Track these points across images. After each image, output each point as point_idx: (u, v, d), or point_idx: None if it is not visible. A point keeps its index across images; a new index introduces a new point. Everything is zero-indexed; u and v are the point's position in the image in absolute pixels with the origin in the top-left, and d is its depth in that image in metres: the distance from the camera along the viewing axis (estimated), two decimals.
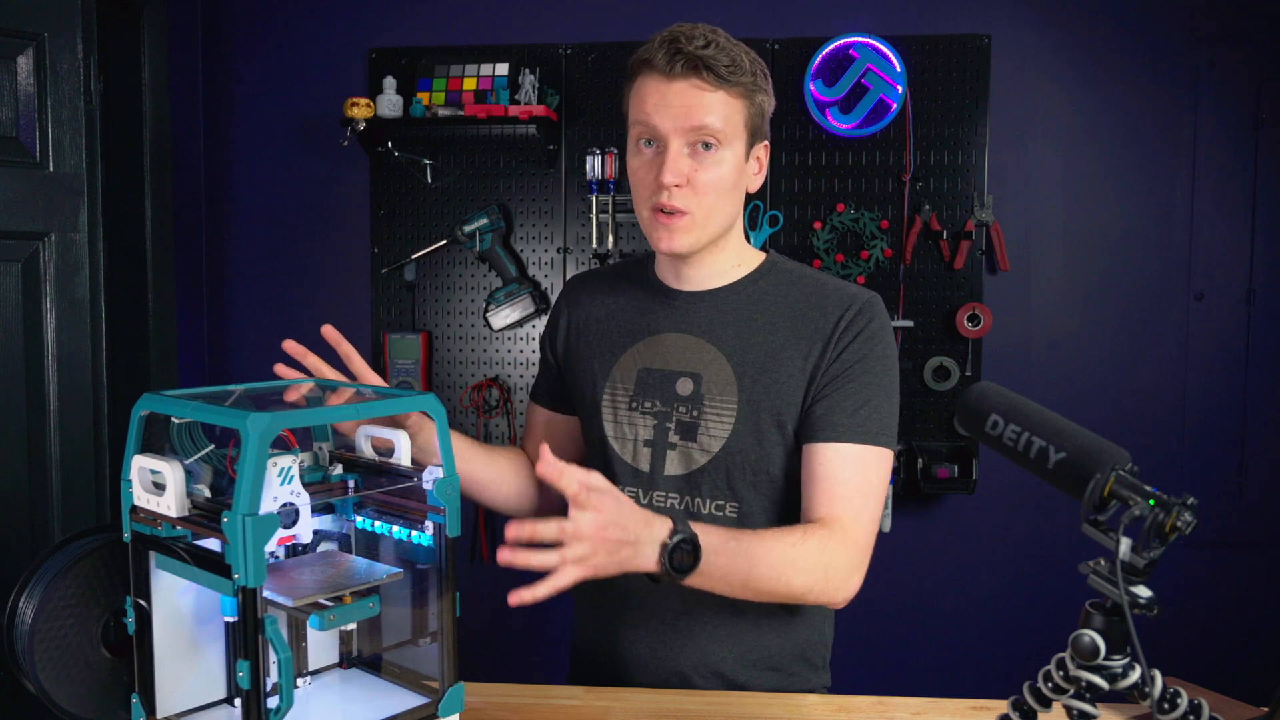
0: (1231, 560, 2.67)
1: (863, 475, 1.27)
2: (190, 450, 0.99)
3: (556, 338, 1.48)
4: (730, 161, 1.27)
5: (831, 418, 1.27)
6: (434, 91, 2.63)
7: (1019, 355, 2.69)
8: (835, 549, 1.22)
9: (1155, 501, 0.70)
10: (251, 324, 2.90)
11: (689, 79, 1.23)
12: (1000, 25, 2.63)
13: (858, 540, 1.25)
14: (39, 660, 0.95)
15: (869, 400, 1.28)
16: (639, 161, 1.29)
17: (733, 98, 1.25)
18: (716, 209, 1.28)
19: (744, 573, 1.17)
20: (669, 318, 1.37)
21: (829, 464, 1.27)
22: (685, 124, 1.24)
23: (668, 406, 1.34)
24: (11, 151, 1.93)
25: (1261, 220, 2.63)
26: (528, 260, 2.78)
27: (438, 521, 1.04)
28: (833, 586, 1.23)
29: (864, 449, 1.27)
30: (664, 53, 1.23)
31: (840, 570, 1.22)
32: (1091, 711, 0.77)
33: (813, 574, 1.20)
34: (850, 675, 1.49)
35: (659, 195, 1.26)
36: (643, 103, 1.26)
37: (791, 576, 1.19)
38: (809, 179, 2.67)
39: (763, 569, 1.18)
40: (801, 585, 1.20)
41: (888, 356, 1.31)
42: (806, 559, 1.20)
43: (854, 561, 1.24)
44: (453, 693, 1.05)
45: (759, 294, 1.35)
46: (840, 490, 1.26)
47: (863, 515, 1.26)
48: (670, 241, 1.28)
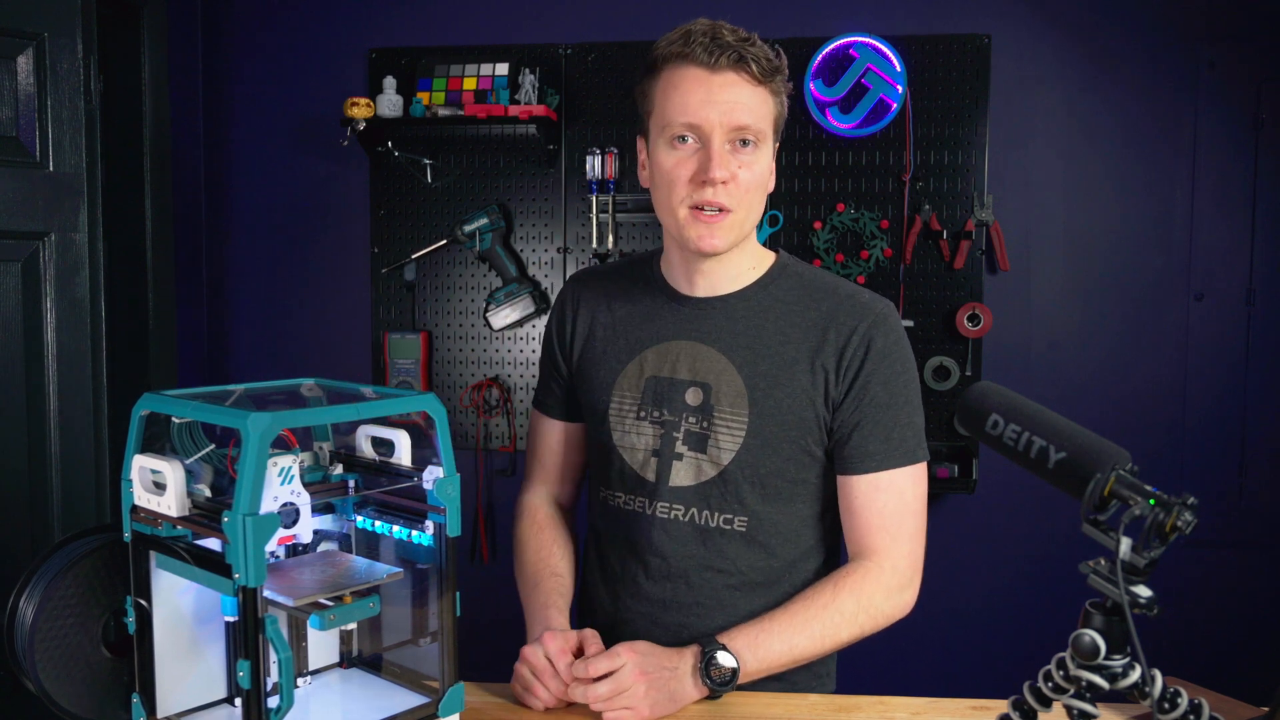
0: (1231, 560, 2.67)
1: (899, 499, 1.29)
2: (190, 450, 0.99)
3: (569, 343, 1.43)
4: (765, 160, 1.26)
5: (867, 448, 1.28)
6: (434, 91, 2.63)
7: (1019, 355, 2.69)
8: (872, 588, 1.27)
9: (1155, 501, 0.70)
10: (251, 324, 2.90)
11: (735, 72, 1.20)
12: (1000, 25, 2.63)
13: (897, 565, 1.28)
14: (39, 660, 0.95)
15: (898, 420, 1.28)
16: (674, 158, 1.24)
17: (770, 95, 1.24)
18: (755, 207, 1.27)
19: (787, 656, 1.24)
20: (678, 324, 1.34)
21: (865, 495, 1.29)
22: (730, 120, 1.21)
23: (676, 416, 1.31)
24: (11, 151, 1.93)
25: (1261, 220, 2.63)
26: (528, 260, 2.78)
27: (438, 521, 1.04)
28: (881, 620, 1.28)
29: (898, 473, 1.28)
30: (705, 44, 1.20)
31: (882, 605, 1.28)
32: (1092, 711, 0.77)
33: (855, 624, 1.26)
34: (850, 675, 1.49)
35: (701, 192, 1.22)
36: (684, 96, 1.21)
37: (835, 636, 1.26)
38: (809, 179, 2.67)
39: (804, 645, 1.24)
40: (850, 637, 1.27)
41: (907, 369, 1.30)
42: (843, 614, 1.26)
43: (895, 586, 1.28)
44: (453, 693, 1.05)
45: (770, 300, 1.32)
46: (877, 521, 1.29)
47: (901, 538, 1.29)
48: (711, 240, 1.24)
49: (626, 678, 1.15)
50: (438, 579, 1.05)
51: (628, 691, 1.15)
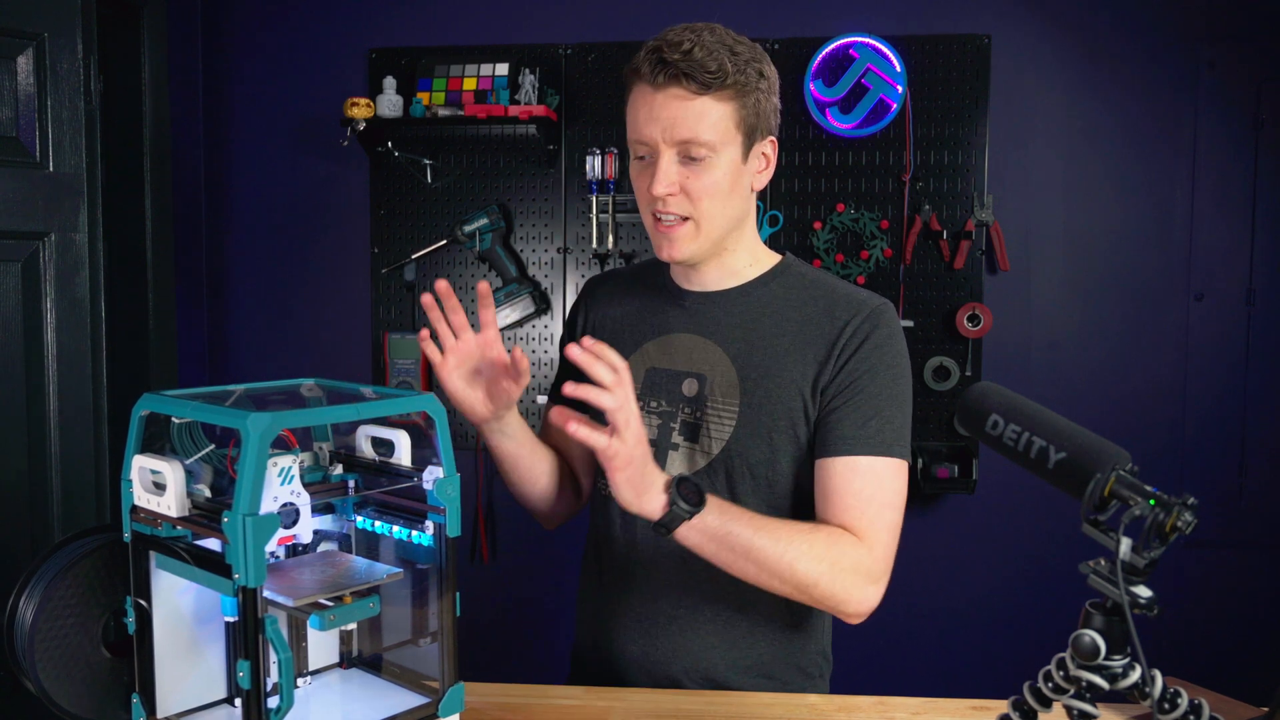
0: (1231, 560, 2.67)
1: (875, 486, 1.25)
2: (190, 450, 0.99)
3: (574, 337, 1.47)
4: (724, 166, 1.26)
5: (841, 430, 1.26)
6: (434, 91, 2.63)
7: (1019, 355, 2.69)
8: (846, 546, 1.21)
9: (1155, 501, 0.70)
10: (251, 324, 2.90)
11: (672, 88, 1.22)
12: (1000, 25, 2.63)
13: (873, 548, 1.22)
14: (39, 660, 0.95)
15: (879, 411, 1.26)
16: (636, 170, 1.30)
17: (720, 102, 1.23)
18: (716, 213, 1.27)
19: (747, 539, 1.17)
20: (679, 318, 1.37)
21: (839, 477, 1.25)
22: (672, 136, 1.23)
23: (673, 407, 1.34)
24: (11, 151, 1.93)
25: (1261, 220, 2.63)
26: (528, 260, 2.77)
27: (438, 521, 1.04)
28: (839, 589, 1.19)
29: (876, 460, 1.25)
30: (649, 63, 1.23)
31: (848, 567, 1.20)
32: (1092, 711, 0.77)
33: (820, 562, 1.18)
34: (850, 675, 1.49)
35: (655, 204, 1.27)
36: (635, 114, 1.26)
37: (796, 558, 1.17)
38: (809, 179, 2.67)
39: (763, 546, 1.17)
40: (806, 572, 1.18)
41: (898, 365, 1.29)
42: (814, 545, 1.19)
43: (867, 566, 1.21)
44: (453, 693, 1.05)
45: (768, 296, 1.34)
46: (851, 502, 1.24)
47: (878, 526, 1.23)
48: (672, 250, 1.29)
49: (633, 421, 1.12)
50: (438, 579, 1.05)
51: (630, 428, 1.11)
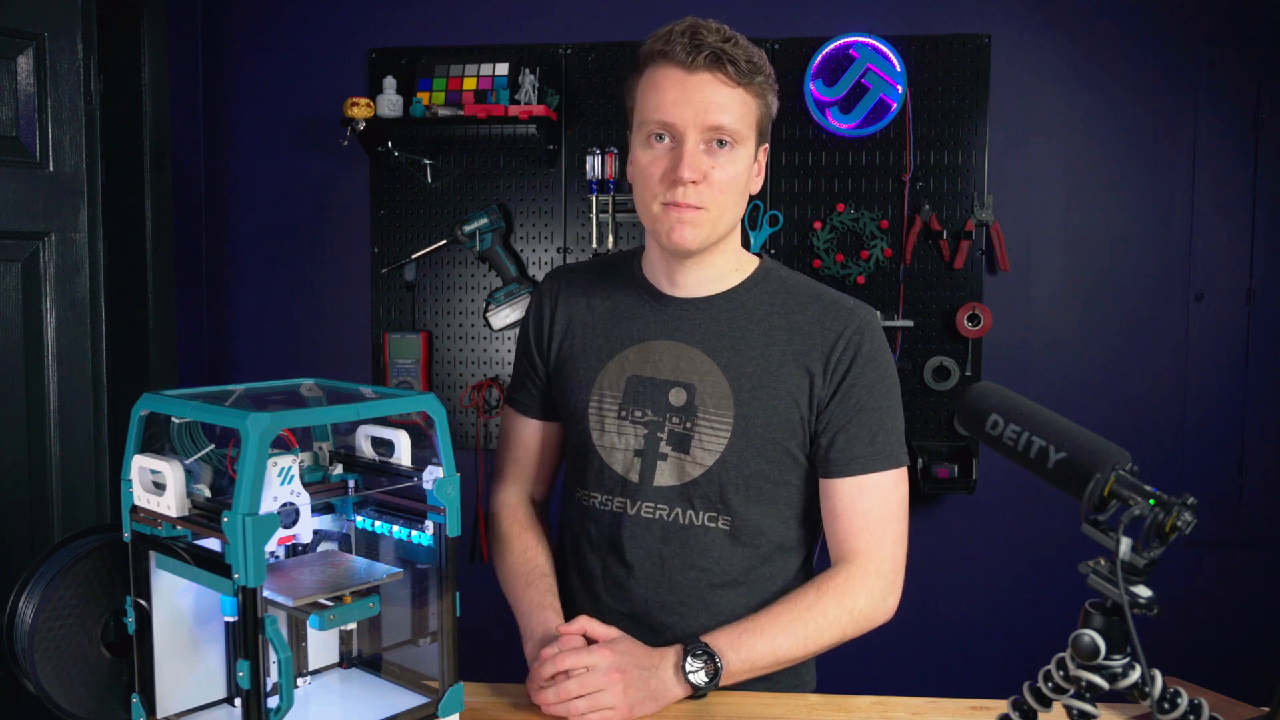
0: (1231, 560, 2.67)
1: (883, 502, 1.30)
2: (190, 450, 0.99)
3: (547, 339, 1.41)
4: (743, 161, 1.25)
5: (851, 450, 1.28)
6: (434, 91, 2.63)
7: (1019, 355, 2.69)
8: (856, 590, 1.27)
9: (1155, 501, 0.70)
10: (251, 324, 2.90)
11: (711, 72, 1.20)
12: (1000, 25, 2.63)
13: (881, 568, 1.29)
14: (39, 660, 0.95)
15: (882, 425, 1.29)
16: (649, 156, 1.24)
17: (750, 96, 1.23)
18: (730, 208, 1.27)
19: (770, 657, 1.23)
20: (660, 324, 1.34)
21: (848, 498, 1.29)
22: (704, 120, 1.21)
23: (659, 416, 1.31)
24: (11, 151, 1.93)
25: (1261, 220, 2.63)
26: (528, 260, 2.77)
27: (438, 521, 1.04)
28: (865, 623, 1.28)
29: (882, 476, 1.29)
30: (684, 44, 1.20)
31: (865, 607, 1.27)
32: (1091, 711, 0.77)
33: (838, 626, 1.26)
34: (850, 675, 1.49)
35: (673, 191, 1.22)
36: (660, 95, 1.22)
37: (818, 639, 1.26)
38: (809, 179, 2.67)
39: (788, 646, 1.24)
40: (832, 639, 1.26)
41: (889, 374, 1.31)
42: (827, 616, 1.25)
43: (879, 590, 1.28)
44: (453, 693, 1.05)
45: (753, 302, 1.33)
46: (860, 524, 1.29)
47: (885, 541, 1.29)
48: (682, 233, 1.24)
49: (596, 679, 1.15)
50: (437, 579, 1.05)
51: (602, 692, 1.14)
